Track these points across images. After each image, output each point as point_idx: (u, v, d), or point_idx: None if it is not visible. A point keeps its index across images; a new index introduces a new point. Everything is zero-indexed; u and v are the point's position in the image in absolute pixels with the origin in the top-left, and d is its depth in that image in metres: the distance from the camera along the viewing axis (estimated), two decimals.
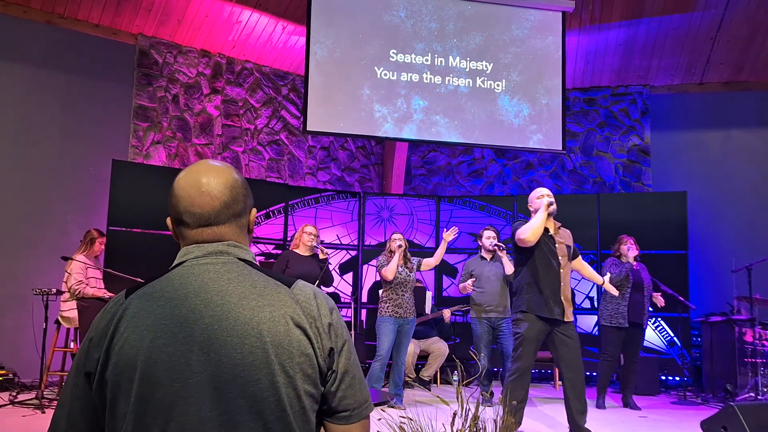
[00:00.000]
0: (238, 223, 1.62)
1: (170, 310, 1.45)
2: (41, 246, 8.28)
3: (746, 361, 8.10)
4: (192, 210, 1.57)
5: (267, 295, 1.49)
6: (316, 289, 1.59)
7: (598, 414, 7.27)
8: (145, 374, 1.39)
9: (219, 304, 1.45)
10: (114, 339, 1.44)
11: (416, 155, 11.83)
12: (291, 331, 1.46)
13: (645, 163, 10.90)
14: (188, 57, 9.83)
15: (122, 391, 1.40)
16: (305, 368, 1.46)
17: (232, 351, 1.41)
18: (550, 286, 5.69)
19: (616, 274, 7.64)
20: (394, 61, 9.38)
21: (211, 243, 1.57)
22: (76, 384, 1.49)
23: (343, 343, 1.55)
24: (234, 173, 1.63)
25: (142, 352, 1.41)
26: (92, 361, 1.46)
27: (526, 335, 5.67)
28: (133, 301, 1.50)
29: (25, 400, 6.68)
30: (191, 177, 1.60)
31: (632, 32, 10.24)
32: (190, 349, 1.41)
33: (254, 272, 1.55)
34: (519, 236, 5.73)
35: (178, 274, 1.54)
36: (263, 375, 1.41)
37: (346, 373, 1.54)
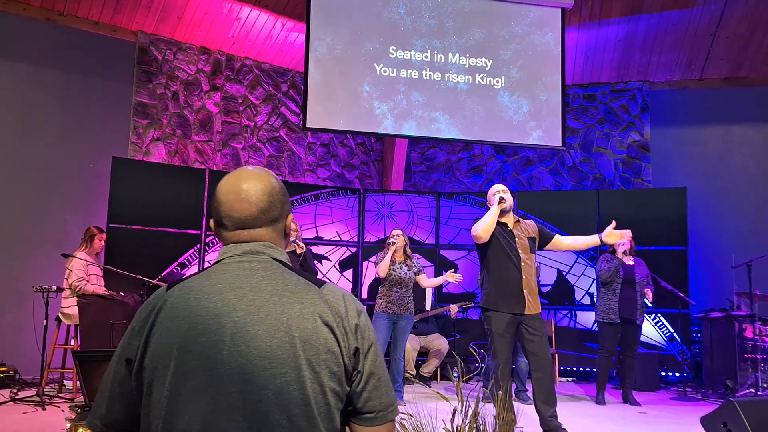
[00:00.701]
0: (274, 228, 1.71)
1: (205, 303, 1.53)
2: (41, 243, 8.28)
3: (746, 357, 8.11)
4: (231, 215, 1.66)
5: (297, 293, 1.57)
6: (344, 291, 1.66)
7: (598, 410, 7.28)
8: (179, 362, 1.48)
9: (252, 298, 1.53)
10: (153, 328, 1.53)
11: (416, 152, 11.83)
12: (319, 328, 1.52)
13: (645, 159, 10.91)
14: (188, 54, 9.83)
15: (158, 378, 1.49)
16: (331, 365, 1.51)
17: (262, 344, 1.48)
18: (510, 280, 5.68)
19: (604, 270, 7.67)
20: (394, 57, 9.38)
21: (249, 243, 1.66)
22: (117, 370, 1.58)
23: (369, 345, 1.60)
24: (272, 180, 1.71)
25: (177, 342, 1.49)
26: (132, 348, 1.55)
27: (494, 331, 5.68)
28: (173, 294, 1.58)
29: (26, 397, 6.67)
30: (232, 183, 1.68)
31: (632, 28, 10.24)
32: (222, 340, 1.48)
33: (287, 272, 1.63)
34: (472, 232, 5.80)
35: (215, 270, 1.63)
36: (290, 369, 1.47)
37: (372, 375, 1.59)
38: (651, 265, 8.22)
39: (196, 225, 8.80)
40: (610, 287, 7.68)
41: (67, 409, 5.94)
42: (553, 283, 9.70)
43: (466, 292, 9.88)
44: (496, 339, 5.67)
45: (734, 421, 4.58)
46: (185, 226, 8.72)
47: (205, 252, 8.85)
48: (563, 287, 9.72)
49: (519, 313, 5.65)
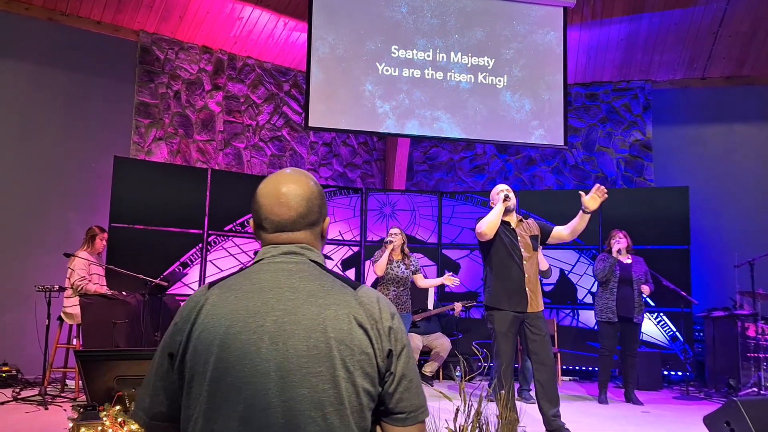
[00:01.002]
0: (312, 231, 1.76)
1: (245, 302, 1.58)
2: (44, 243, 8.29)
3: (749, 356, 8.11)
4: (271, 218, 1.71)
5: (333, 295, 1.61)
6: (379, 294, 1.70)
7: (601, 409, 7.27)
8: (219, 358, 1.52)
9: (290, 299, 1.58)
10: (195, 325, 1.59)
11: (418, 151, 11.83)
12: (353, 329, 1.56)
13: (647, 158, 10.90)
14: (190, 53, 9.83)
15: (198, 373, 1.54)
16: (365, 366, 1.55)
17: (298, 343, 1.52)
18: (513, 279, 5.69)
19: (600, 269, 7.70)
20: (396, 56, 9.38)
21: (287, 244, 1.71)
22: (160, 364, 1.64)
23: (402, 348, 1.63)
24: (311, 184, 1.76)
25: (218, 338, 1.54)
26: (175, 343, 1.61)
27: (497, 330, 5.68)
28: (214, 292, 1.63)
29: (28, 396, 6.66)
30: (272, 187, 1.73)
31: (634, 27, 10.23)
32: (260, 338, 1.53)
33: (323, 273, 1.68)
34: (476, 230, 5.80)
35: (255, 270, 1.67)
36: (325, 368, 1.51)
37: (404, 377, 1.62)
38: (653, 264, 8.21)
39: (198, 224, 8.80)
40: (607, 286, 7.70)
41: (70, 408, 5.94)
42: (556, 282, 9.69)
43: (468, 291, 9.87)
44: (499, 338, 5.67)
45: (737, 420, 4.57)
46: (187, 226, 8.72)
47: (207, 251, 8.85)
48: (565, 286, 9.72)
49: (522, 311, 5.66)
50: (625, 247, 7.75)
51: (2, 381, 7.36)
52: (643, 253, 8.28)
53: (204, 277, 8.76)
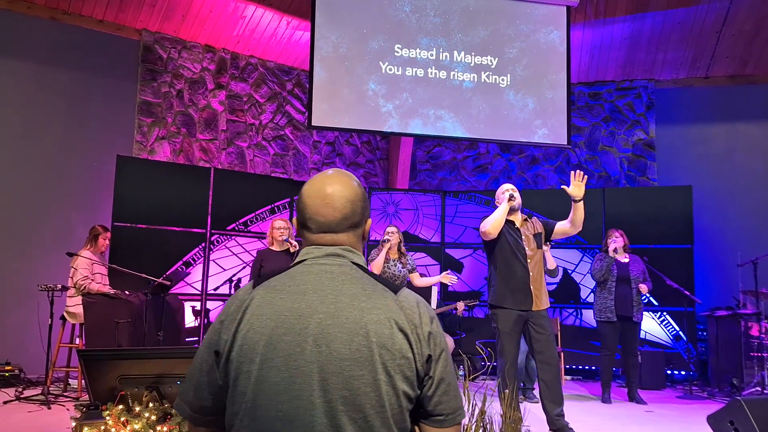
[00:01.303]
0: (355, 233, 1.80)
1: (290, 304, 1.62)
2: (46, 242, 8.29)
3: (752, 355, 8.10)
4: (315, 218, 1.75)
5: (375, 299, 1.64)
6: (419, 298, 1.73)
7: (604, 408, 7.27)
8: (265, 358, 1.57)
9: (333, 302, 1.62)
10: (241, 324, 1.62)
11: (421, 150, 11.82)
12: (395, 334, 1.59)
13: (650, 157, 10.89)
14: (192, 52, 9.83)
15: (244, 372, 1.58)
16: (405, 370, 1.58)
17: (341, 346, 1.56)
18: (517, 277, 5.72)
19: (597, 269, 7.72)
20: (399, 56, 9.37)
21: (330, 246, 1.75)
22: (205, 360, 1.68)
23: (440, 352, 1.67)
24: (356, 187, 1.80)
25: (264, 339, 1.58)
26: (222, 341, 1.64)
27: (501, 329, 5.70)
28: (259, 292, 1.67)
29: (31, 395, 6.66)
30: (317, 187, 1.77)
31: (637, 26, 10.22)
32: (305, 340, 1.57)
33: (365, 276, 1.71)
34: (481, 229, 5.83)
35: (299, 271, 1.71)
36: (367, 371, 1.55)
37: (442, 380, 1.66)
38: (656, 264, 8.20)
39: (201, 223, 8.79)
40: (605, 286, 7.72)
41: (72, 408, 5.96)
42: (559, 282, 9.68)
43: (472, 290, 9.87)
44: (503, 336, 5.68)
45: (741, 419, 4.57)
46: (190, 225, 8.71)
47: (210, 251, 8.84)
48: (569, 285, 9.71)
49: (526, 310, 5.66)
50: (622, 246, 7.76)
51: (5, 380, 7.37)
52: (646, 252, 8.27)
53: (207, 276, 8.75)
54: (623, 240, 7.78)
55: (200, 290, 8.70)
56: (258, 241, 9.21)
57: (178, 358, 4.05)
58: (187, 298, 8.51)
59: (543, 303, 5.74)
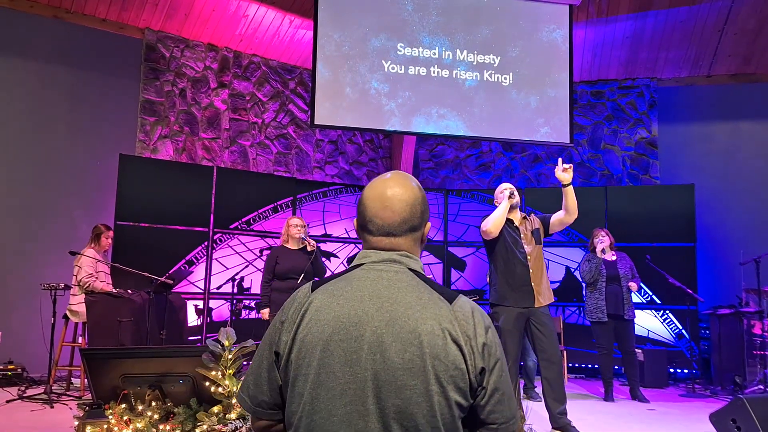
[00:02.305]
0: (413, 236, 1.79)
1: (348, 309, 1.63)
2: (49, 241, 8.31)
3: (755, 353, 8.10)
4: (375, 221, 1.76)
5: (430, 308, 1.63)
6: (474, 306, 1.72)
7: (607, 407, 7.27)
8: (322, 363, 1.59)
9: (389, 310, 1.62)
10: (300, 327, 1.66)
11: (424, 149, 11.83)
12: (448, 345, 1.59)
13: (653, 155, 10.88)
14: (195, 51, 9.84)
15: (302, 374, 1.62)
16: (457, 381, 1.58)
17: (395, 355, 1.57)
18: (517, 275, 5.74)
19: (587, 270, 7.74)
20: (402, 54, 9.38)
21: (387, 251, 1.76)
22: (266, 357, 1.73)
23: (495, 362, 1.66)
24: (416, 190, 1.81)
25: (321, 344, 1.61)
26: (282, 342, 1.68)
27: (503, 328, 5.72)
28: (318, 296, 1.69)
29: (33, 394, 6.69)
30: (378, 190, 1.79)
31: (639, 25, 10.21)
32: (360, 347, 1.59)
33: (421, 284, 1.71)
34: (482, 228, 5.85)
35: (356, 276, 1.72)
36: (419, 381, 1.55)
37: (496, 390, 1.65)
38: (659, 262, 8.21)
39: (204, 222, 8.80)
40: (595, 286, 7.75)
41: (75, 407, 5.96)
42: (562, 280, 9.69)
43: (474, 288, 9.88)
44: (504, 335, 5.69)
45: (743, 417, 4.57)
46: (193, 224, 8.72)
47: (213, 249, 8.85)
48: (571, 284, 9.71)
49: (528, 307, 5.67)
50: (609, 244, 7.78)
51: (8, 379, 7.38)
52: (648, 251, 8.29)
53: (210, 275, 8.76)
54: (609, 238, 7.81)
55: (203, 289, 8.71)
56: (261, 240, 9.22)
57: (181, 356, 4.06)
58: (189, 297, 8.52)
59: (545, 300, 5.76)
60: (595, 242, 7.80)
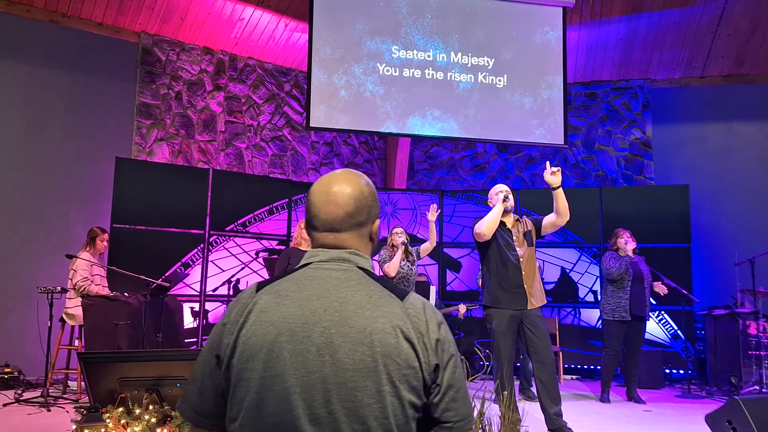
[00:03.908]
0: (359, 232, 1.74)
1: (294, 310, 1.57)
2: (45, 244, 8.31)
3: (750, 353, 8.13)
4: (320, 215, 1.71)
5: (381, 307, 1.59)
6: (426, 302, 1.67)
7: (603, 408, 7.29)
8: (266, 366, 1.52)
9: (338, 310, 1.57)
10: (243, 329, 1.58)
11: (419, 150, 11.84)
12: (400, 343, 1.54)
13: (647, 156, 10.91)
14: (191, 54, 9.85)
15: (244, 379, 1.54)
16: (411, 380, 1.54)
17: (345, 356, 1.51)
18: (510, 277, 5.74)
19: (615, 267, 7.61)
20: (397, 57, 9.40)
21: (335, 249, 1.70)
22: (207, 362, 1.65)
23: (449, 358, 1.63)
24: (363, 185, 1.76)
25: (265, 346, 1.54)
26: (223, 346, 1.61)
27: (496, 330, 5.73)
28: (263, 296, 1.62)
29: (30, 398, 6.68)
30: (324, 186, 1.74)
31: (633, 26, 10.25)
32: (308, 349, 1.52)
33: (371, 282, 1.66)
34: (475, 230, 5.84)
35: (303, 275, 1.66)
36: (371, 382, 1.50)
37: (450, 387, 1.61)
38: (654, 263, 8.23)
39: (200, 225, 8.81)
40: (620, 285, 7.63)
41: (72, 410, 5.98)
42: (557, 281, 9.71)
43: (470, 289, 9.90)
44: (497, 337, 5.71)
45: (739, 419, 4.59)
46: (189, 226, 8.73)
47: (209, 252, 8.86)
48: (567, 285, 9.73)
49: (520, 309, 5.69)
50: (635, 247, 7.76)
51: (4, 382, 7.38)
52: (644, 252, 8.29)
53: (206, 277, 8.77)
54: (634, 240, 7.78)
55: (199, 291, 8.72)
56: (257, 242, 9.23)
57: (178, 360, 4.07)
58: (186, 299, 8.53)
59: (537, 302, 5.77)
60: (621, 242, 7.70)
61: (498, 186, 6.02)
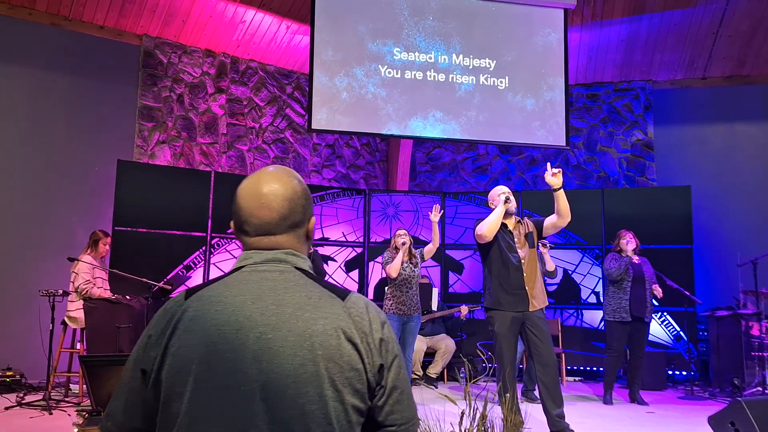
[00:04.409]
0: (295, 233, 1.65)
1: (227, 317, 1.47)
2: (47, 247, 8.30)
3: (753, 355, 8.11)
4: (251, 220, 1.61)
5: (321, 308, 1.51)
6: (368, 302, 1.60)
7: (606, 410, 7.28)
8: (200, 378, 1.42)
9: (275, 313, 1.47)
10: (171, 340, 1.47)
11: (421, 152, 11.84)
12: (342, 345, 1.47)
13: (649, 157, 10.91)
14: (193, 57, 9.85)
15: (176, 393, 1.43)
16: (354, 383, 1.46)
17: (284, 362, 1.42)
18: (511, 279, 5.74)
19: (615, 268, 7.63)
20: (398, 59, 9.41)
21: (270, 250, 1.60)
22: (132, 377, 1.52)
23: (393, 358, 1.55)
24: (295, 183, 1.67)
25: (197, 357, 1.43)
26: (149, 359, 1.49)
27: (498, 332, 5.73)
28: (192, 304, 1.52)
29: (32, 401, 6.69)
30: (252, 188, 1.65)
31: (634, 28, 10.25)
32: (243, 356, 1.43)
33: (310, 282, 1.57)
34: (476, 232, 5.84)
35: (236, 279, 1.56)
36: (312, 388, 1.42)
37: (395, 389, 1.54)
38: (656, 264, 8.22)
39: (202, 227, 8.81)
40: (620, 286, 7.64)
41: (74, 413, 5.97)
42: (559, 283, 9.70)
43: (472, 291, 9.89)
44: (500, 339, 5.71)
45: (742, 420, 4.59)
46: (191, 229, 8.74)
47: (211, 254, 8.86)
48: (569, 286, 9.73)
49: (522, 311, 5.68)
50: (635, 247, 7.74)
51: (6, 386, 7.39)
52: (646, 253, 8.27)
53: (208, 279, 8.76)
54: (636, 241, 7.77)
55: None
56: None
57: None
58: None
59: (539, 303, 5.76)
60: (623, 243, 7.72)
61: (499, 187, 6.02)
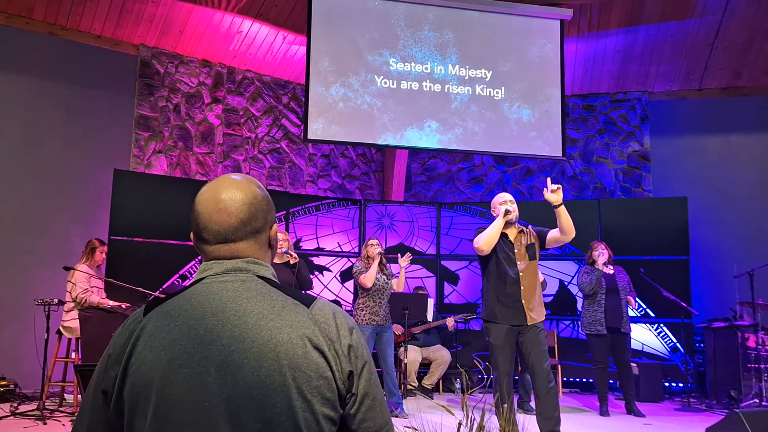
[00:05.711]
0: (256, 240, 1.59)
1: (187, 330, 1.42)
2: (43, 256, 8.28)
3: (750, 366, 8.10)
4: (210, 227, 1.55)
5: (285, 316, 1.45)
6: (335, 308, 1.55)
7: (602, 422, 7.26)
8: (161, 395, 1.37)
9: (236, 324, 1.42)
10: (131, 358, 1.42)
11: (416, 162, 11.84)
12: (309, 353, 1.42)
13: (645, 168, 10.92)
14: (189, 67, 9.85)
15: (139, 412, 1.39)
16: (324, 391, 1.41)
17: (249, 374, 1.38)
18: (508, 292, 5.68)
19: (587, 282, 7.67)
20: (394, 69, 9.42)
21: (231, 259, 1.55)
22: (94, 398, 1.48)
23: (363, 365, 1.50)
24: (255, 189, 1.60)
25: (158, 373, 1.38)
26: (109, 379, 1.45)
27: (494, 343, 5.68)
28: (151, 320, 1.47)
29: (26, 411, 6.66)
30: (211, 193, 1.58)
31: (630, 39, 10.28)
32: (206, 371, 1.38)
33: (273, 291, 1.51)
34: (474, 244, 5.78)
35: (196, 291, 1.50)
36: (280, 399, 1.37)
37: (366, 396, 1.49)
38: (653, 275, 8.22)
39: None
40: (594, 299, 7.69)
41: (69, 423, 5.95)
42: (555, 294, 9.69)
43: (468, 302, 9.88)
44: (495, 351, 5.68)
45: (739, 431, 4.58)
46: (186, 238, 8.70)
47: None
48: (565, 297, 9.71)
49: (519, 324, 5.65)
50: (607, 258, 7.74)
51: (0, 395, 7.34)
52: (642, 264, 8.29)
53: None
54: (608, 252, 7.78)
55: None
56: None
57: None
58: None
59: (537, 316, 5.69)
60: (594, 255, 7.75)
61: (502, 195, 5.93)
